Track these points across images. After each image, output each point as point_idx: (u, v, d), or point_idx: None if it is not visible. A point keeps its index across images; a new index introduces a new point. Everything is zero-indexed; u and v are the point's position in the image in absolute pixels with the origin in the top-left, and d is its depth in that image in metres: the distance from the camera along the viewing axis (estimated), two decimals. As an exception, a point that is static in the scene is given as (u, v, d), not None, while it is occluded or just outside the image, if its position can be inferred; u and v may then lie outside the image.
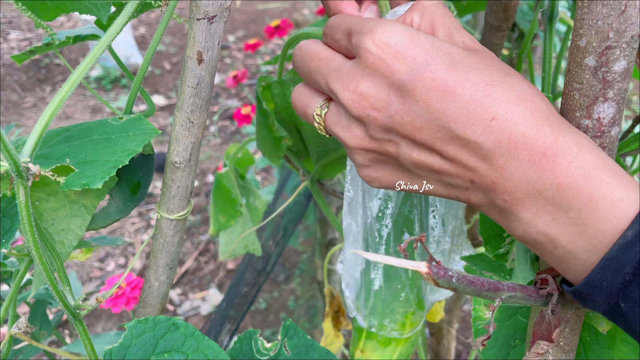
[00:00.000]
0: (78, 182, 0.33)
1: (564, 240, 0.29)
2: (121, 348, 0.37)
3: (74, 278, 1.10)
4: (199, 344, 0.38)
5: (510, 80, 0.31)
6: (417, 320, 0.56)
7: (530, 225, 0.30)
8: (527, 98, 0.30)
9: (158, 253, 0.45)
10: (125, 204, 0.45)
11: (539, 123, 0.30)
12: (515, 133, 0.29)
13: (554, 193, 0.29)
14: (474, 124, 0.30)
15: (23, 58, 0.46)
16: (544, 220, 0.29)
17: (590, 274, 0.28)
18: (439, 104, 0.30)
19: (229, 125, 2.76)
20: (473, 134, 0.30)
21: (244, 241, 0.73)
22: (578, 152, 0.29)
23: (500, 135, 0.30)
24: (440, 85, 0.30)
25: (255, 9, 3.71)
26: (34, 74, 3.00)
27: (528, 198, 0.30)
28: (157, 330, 0.38)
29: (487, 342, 0.29)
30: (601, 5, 0.30)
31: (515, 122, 0.29)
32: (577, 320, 0.37)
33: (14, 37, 3.24)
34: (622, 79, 0.32)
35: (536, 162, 0.29)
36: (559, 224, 0.29)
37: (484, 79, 0.30)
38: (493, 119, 0.30)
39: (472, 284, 0.28)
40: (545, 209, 0.29)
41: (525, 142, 0.29)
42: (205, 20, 0.35)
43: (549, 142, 0.29)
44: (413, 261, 0.25)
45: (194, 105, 0.39)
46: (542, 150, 0.29)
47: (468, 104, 0.30)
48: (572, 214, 0.28)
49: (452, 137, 0.30)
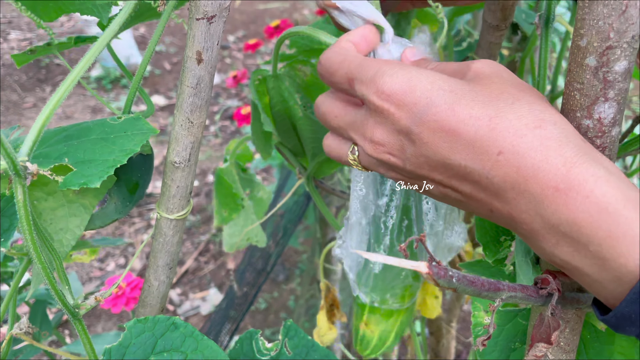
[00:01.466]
0: (76, 181, 0.33)
1: (589, 270, 0.29)
2: (120, 347, 0.37)
3: (74, 278, 1.10)
4: (198, 344, 0.38)
5: (517, 107, 0.30)
6: (415, 291, 0.59)
7: (553, 254, 0.30)
8: (535, 125, 0.29)
9: (158, 253, 0.45)
10: (124, 204, 0.45)
11: (550, 153, 0.29)
12: (524, 166, 0.29)
13: (570, 228, 0.28)
14: (482, 160, 0.30)
15: (23, 58, 0.46)
16: (565, 251, 0.29)
17: (618, 307, 0.28)
18: (447, 144, 0.30)
19: (229, 125, 2.76)
20: (483, 169, 0.30)
21: (247, 233, 0.74)
22: (594, 185, 0.28)
23: (508, 170, 0.29)
24: (445, 126, 0.30)
25: (255, 9, 3.71)
26: (34, 74, 3.00)
27: (546, 230, 0.29)
28: (157, 329, 0.38)
29: (487, 343, 0.28)
30: (602, 6, 0.30)
31: (523, 155, 0.29)
32: (578, 320, 0.37)
33: (14, 37, 3.24)
34: (622, 79, 0.31)
35: (549, 196, 0.28)
36: (581, 255, 0.28)
37: (488, 113, 0.30)
38: (500, 153, 0.29)
39: (472, 284, 0.28)
40: (565, 241, 0.29)
41: (535, 175, 0.28)
42: (204, 20, 0.35)
43: (561, 175, 0.28)
44: (413, 261, 0.25)
45: (194, 105, 0.39)
46: (554, 184, 0.28)
47: (474, 140, 0.30)
48: (592, 248, 0.28)
49: (465, 174, 0.31)
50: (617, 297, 0.28)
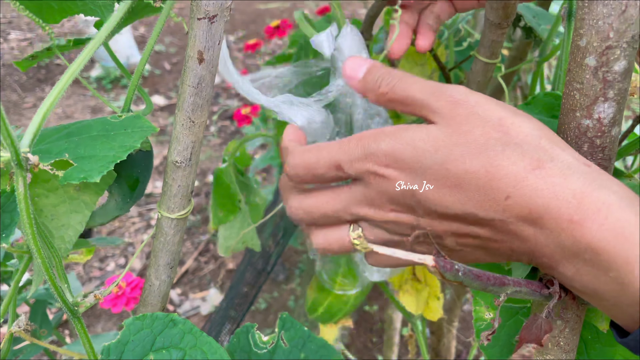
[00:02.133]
0: (76, 176, 0.33)
1: (608, 295, 0.29)
2: (119, 344, 0.37)
3: (74, 278, 1.10)
4: (197, 340, 0.38)
5: (509, 153, 0.30)
6: (347, 285, 0.63)
7: (573, 280, 0.30)
8: (533, 167, 0.29)
9: (159, 252, 0.45)
10: (124, 201, 0.45)
11: (557, 189, 0.29)
12: (534, 206, 0.29)
13: (590, 256, 0.29)
14: (492, 207, 0.30)
15: (26, 64, 0.46)
16: (585, 278, 0.30)
17: (637, 330, 0.28)
18: (453, 198, 0.31)
19: (229, 125, 2.76)
20: (496, 214, 0.30)
21: (243, 237, 0.74)
22: (607, 212, 0.28)
23: (520, 211, 0.29)
24: (445, 184, 0.31)
25: (255, 9, 3.71)
26: (34, 74, 3.00)
27: (566, 259, 0.30)
28: (155, 326, 0.38)
29: (491, 337, 0.28)
30: (602, 5, 0.30)
31: (531, 196, 0.29)
32: (577, 320, 0.37)
33: (14, 37, 3.24)
34: (622, 78, 0.32)
35: (565, 229, 0.29)
36: (600, 282, 0.29)
37: (482, 164, 0.30)
38: (507, 198, 0.30)
39: (478, 279, 0.28)
40: (585, 269, 0.29)
41: (548, 212, 0.29)
42: (206, 20, 0.35)
43: (573, 207, 0.29)
44: (420, 255, 0.25)
45: (195, 105, 0.39)
46: (568, 217, 0.29)
47: (477, 191, 0.30)
48: (612, 274, 0.28)
49: (479, 220, 0.31)
50: (636, 319, 0.29)
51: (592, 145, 0.33)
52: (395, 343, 1.23)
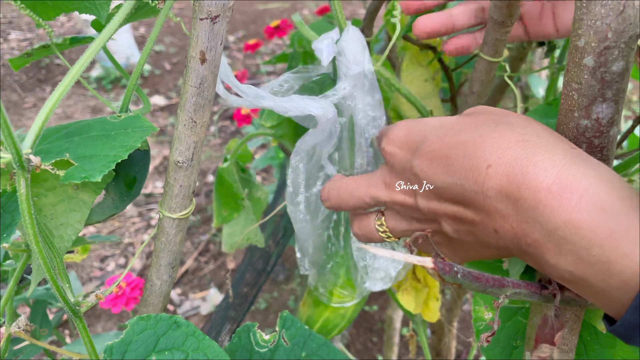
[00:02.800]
0: (78, 175, 0.33)
1: (594, 279, 0.28)
2: (122, 344, 0.38)
3: (74, 278, 1.11)
4: (199, 343, 0.38)
5: (500, 128, 0.32)
6: (346, 296, 0.62)
7: (558, 266, 0.29)
8: (518, 139, 0.31)
9: (160, 252, 0.45)
10: (121, 199, 0.45)
11: (537, 159, 0.29)
12: (513, 174, 0.30)
13: (570, 231, 0.28)
14: (475, 176, 0.31)
15: (20, 62, 0.46)
16: (569, 260, 0.28)
17: (624, 315, 0.27)
18: (442, 168, 0.33)
19: (229, 125, 2.76)
20: (476, 185, 0.31)
21: (247, 234, 0.74)
22: (588, 184, 0.28)
23: (500, 180, 0.30)
24: (438, 154, 0.34)
25: (255, 9, 3.71)
26: (34, 74, 3.00)
27: (547, 239, 0.29)
28: (159, 327, 0.38)
29: (491, 339, 0.29)
30: (600, 6, 0.30)
31: (511, 164, 0.30)
32: (576, 320, 0.38)
33: (14, 37, 3.24)
34: (620, 79, 0.32)
35: (542, 200, 0.28)
36: (584, 263, 0.28)
37: (473, 137, 0.33)
38: (489, 167, 0.31)
39: (477, 280, 0.28)
40: (567, 248, 0.28)
41: (525, 181, 0.29)
42: (208, 20, 0.36)
43: (551, 177, 0.28)
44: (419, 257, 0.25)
45: (197, 105, 0.39)
46: (546, 186, 0.28)
47: (464, 160, 0.32)
48: (594, 252, 0.27)
49: (463, 194, 0.32)
50: (625, 305, 0.27)
51: (590, 146, 0.34)
52: (395, 343, 1.23)
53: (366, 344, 1.74)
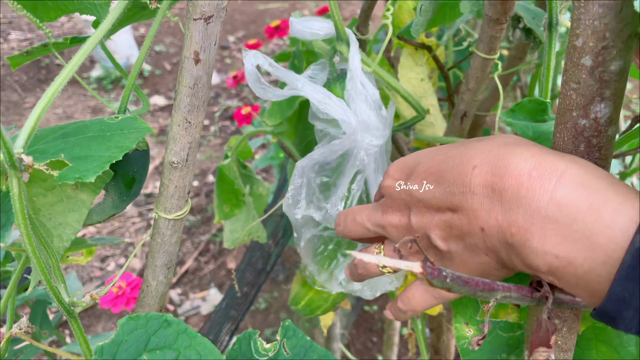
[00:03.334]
0: (72, 176, 0.33)
1: (579, 258, 0.28)
2: (113, 344, 0.37)
3: (74, 278, 1.11)
4: (191, 341, 0.38)
5: (484, 139, 0.36)
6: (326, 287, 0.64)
7: (544, 250, 0.30)
8: (500, 143, 0.34)
9: (156, 253, 0.45)
10: (120, 199, 0.45)
11: (516, 151, 0.32)
12: (496, 166, 0.32)
13: (552, 209, 0.29)
14: (462, 180, 0.34)
15: (19, 60, 0.46)
16: (553, 241, 0.29)
17: (610, 287, 0.27)
18: (433, 183, 0.36)
19: (229, 125, 2.76)
20: (464, 187, 0.33)
21: (249, 229, 0.75)
22: (565, 167, 0.30)
23: (484, 175, 0.32)
24: (429, 171, 0.37)
25: (255, 9, 3.71)
26: (35, 74, 3.01)
27: (530, 222, 0.30)
28: (149, 326, 0.38)
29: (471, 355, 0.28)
30: (598, 5, 0.30)
31: (494, 161, 0.32)
32: (575, 319, 0.37)
33: (14, 38, 3.24)
34: (619, 78, 0.32)
35: (525, 184, 0.30)
36: (568, 241, 0.29)
37: (460, 150, 0.35)
38: (474, 167, 0.33)
39: (466, 284, 0.28)
40: (550, 227, 0.29)
41: (508, 171, 0.31)
42: (202, 21, 0.35)
43: (531, 164, 0.31)
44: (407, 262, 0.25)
45: (191, 105, 0.39)
46: (527, 172, 0.31)
47: (452, 170, 0.35)
48: (577, 227, 0.28)
49: (452, 199, 0.34)
50: (611, 280, 0.27)
51: (588, 145, 0.33)
52: (395, 343, 1.23)
53: (366, 344, 1.74)
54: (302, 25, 0.50)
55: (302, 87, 0.46)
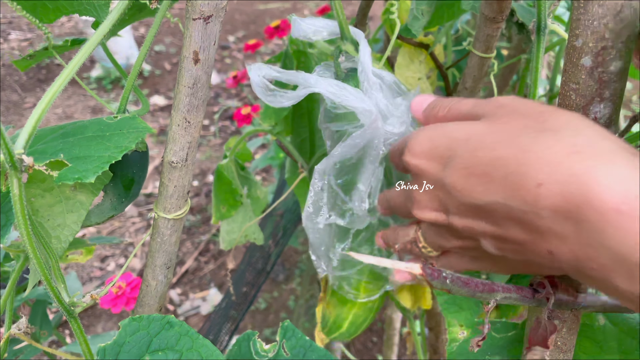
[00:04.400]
0: (71, 176, 0.33)
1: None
2: (115, 345, 0.37)
3: (74, 278, 1.11)
4: (193, 343, 0.38)
5: (542, 140, 0.28)
6: (373, 290, 0.62)
7: (631, 291, 0.26)
8: (569, 151, 0.27)
9: (155, 252, 0.45)
10: (119, 200, 0.45)
11: (598, 174, 0.26)
12: (570, 193, 0.26)
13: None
14: (523, 195, 0.28)
15: (25, 63, 0.46)
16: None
17: None
18: (481, 187, 0.30)
19: (229, 125, 2.76)
20: (527, 205, 0.28)
21: (246, 230, 0.74)
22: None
23: (555, 200, 0.27)
24: (474, 171, 0.30)
25: (255, 9, 3.71)
26: (35, 74, 3.01)
27: (618, 265, 0.25)
28: (152, 328, 0.38)
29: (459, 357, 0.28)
30: (597, 6, 0.30)
31: (566, 182, 0.26)
32: (575, 320, 0.37)
33: (15, 38, 3.24)
34: (618, 79, 0.32)
35: (612, 222, 0.25)
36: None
37: (513, 152, 0.29)
38: (539, 185, 0.27)
39: (466, 285, 0.28)
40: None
41: (587, 201, 0.25)
42: (201, 20, 0.35)
43: (619, 195, 0.25)
44: (407, 263, 0.25)
45: (191, 105, 0.39)
46: (615, 207, 0.25)
47: (506, 179, 0.29)
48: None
49: (509, 213, 0.29)
50: None
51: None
52: (395, 343, 1.23)
53: (366, 344, 1.74)
54: (306, 23, 0.50)
55: (316, 83, 0.45)
